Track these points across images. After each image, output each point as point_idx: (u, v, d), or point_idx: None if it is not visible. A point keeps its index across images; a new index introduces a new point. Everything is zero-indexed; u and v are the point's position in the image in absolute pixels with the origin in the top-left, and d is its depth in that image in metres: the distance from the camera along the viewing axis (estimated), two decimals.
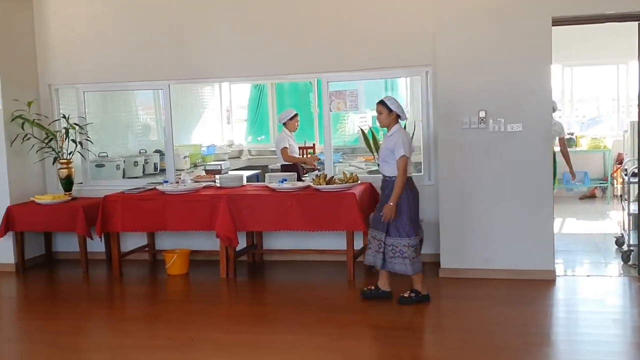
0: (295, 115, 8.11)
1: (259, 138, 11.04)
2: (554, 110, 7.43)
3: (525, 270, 6.19)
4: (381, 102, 5.61)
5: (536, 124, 6.13)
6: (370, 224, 5.81)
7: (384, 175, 5.65)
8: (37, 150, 7.46)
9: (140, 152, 8.98)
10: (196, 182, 7.31)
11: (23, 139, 7.28)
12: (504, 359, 4.41)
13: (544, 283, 6.07)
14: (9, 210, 7.13)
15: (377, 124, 5.81)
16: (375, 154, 6.60)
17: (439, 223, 6.44)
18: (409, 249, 5.51)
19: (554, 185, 6.41)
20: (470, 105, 6.23)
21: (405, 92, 9.91)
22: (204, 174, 8.26)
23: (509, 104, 6.16)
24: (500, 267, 6.25)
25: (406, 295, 5.66)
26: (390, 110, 5.55)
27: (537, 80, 6.11)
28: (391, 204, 5.44)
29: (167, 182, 7.31)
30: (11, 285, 6.98)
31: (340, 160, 9.11)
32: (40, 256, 7.70)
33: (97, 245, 7.38)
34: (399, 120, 5.63)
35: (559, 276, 6.25)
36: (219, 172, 8.11)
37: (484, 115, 6.20)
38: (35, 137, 7.40)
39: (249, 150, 10.58)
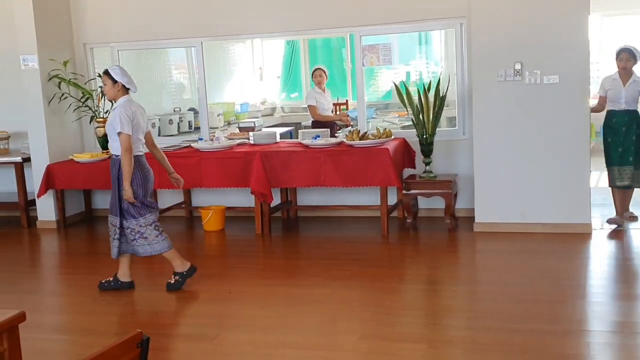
0: (315, 70, 8.08)
1: (292, 95, 11.02)
2: (636, 62, 6.26)
3: (562, 224, 6.15)
4: (105, 72, 5.08)
5: (573, 76, 6.01)
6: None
7: (111, 154, 5.16)
8: (75, 109, 7.57)
9: (174, 111, 9.05)
10: (230, 139, 7.36)
11: (60, 98, 7.39)
12: (538, 311, 4.42)
13: (580, 237, 6.03)
14: (48, 169, 7.29)
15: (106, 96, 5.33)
16: (409, 109, 6.53)
17: (474, 177, 6.40)
18: (147, 228, 5.10)
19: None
20: (506, 57, 6.13)
21: (439, 45, 9.78)
22: (238, 131, 8.31)
23: (546, 55, 6.04)
24: (535, 221, 6.22)
25: (172, 281, 5.22)
26: (114, 81, 5.01)
27: (574, 30, 5.97)
28: (127, 188, 4.94)
29: (201, 139, 7.38)
30: (53, 241, 7.18)
31: (374, 116, 9.08)
32: (80, 213, 7.87)
33: None
34: (129, 92, 5.11)
35: (595, 230, 6.20)
36: (252, 129, 8.16)
37: (519, 68, 6.10)
38: (72, 97, 7.50)
39: (282, 108, 10.59)
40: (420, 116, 6.50)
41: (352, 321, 4.48)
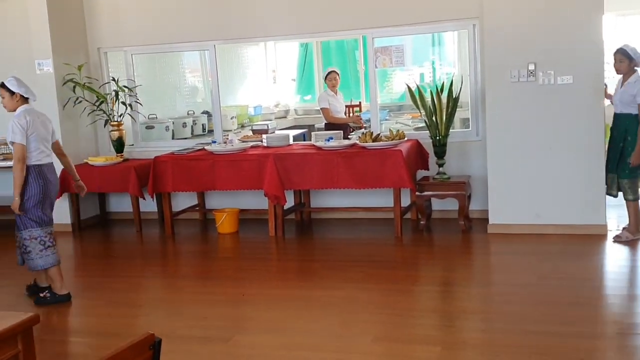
0: (329, 73, 8.10)
1: (305, 97, 11.02)
2: (632, 63, 5.79)
3: (577, 225, 6.11)
4: (1, 85, 5.03)
5: (587, 76, 5.97)
6: None
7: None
8: (89, 113, 7.62)
9: (188, 114, 9.09)
10: (244, 142, 7.38)
11: (75, 102, 7.45)
12: (553, 312, 4.39)
13: (596, 238, 5.98)
14: (63, 173, 7.31)
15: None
16: (422, 110, 6.52)
17: (487, 178, 6.38)
18: (32, 242, 5.02)
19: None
20: (519, 57, 6.10)
21: (452, 46, 9.74)
22: (251, 134, 8.33)
23: (559, 55, 6.01)
24: (550, 222, 6.18)
25: (42, 295, 5.18)
26: (12, 93, 4.97)
27: (588, 30, 5.93)
28: (16, 198, 4.87)
29: (215, 142, 7.40)
30: (68, 244, 7.22)
31: (387, 117, 9.06)
32: (95, 216, 7.92)
33: (149, 205, 7.56)
34: (29, 102, 5.06)
35: (610, 231, 6.15)
36: (265, 131, 8.17)
37: (533, 68, 6.07)
38: (86, 100, 7.55)
39: (295, 110, 10.59)
40: (434, 117, 6.49)
41: (366, 323, 4.47)
